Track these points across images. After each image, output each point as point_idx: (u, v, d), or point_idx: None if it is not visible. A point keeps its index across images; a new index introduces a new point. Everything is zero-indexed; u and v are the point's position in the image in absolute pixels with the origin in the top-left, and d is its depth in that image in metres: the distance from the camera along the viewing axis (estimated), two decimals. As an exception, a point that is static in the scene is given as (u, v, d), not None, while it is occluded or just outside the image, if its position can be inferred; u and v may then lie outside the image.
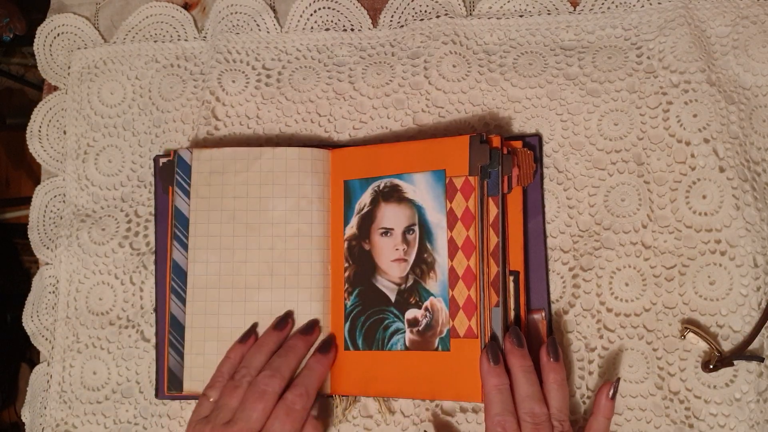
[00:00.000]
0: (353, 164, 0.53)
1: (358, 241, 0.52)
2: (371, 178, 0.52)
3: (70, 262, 0.58)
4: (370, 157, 0.53)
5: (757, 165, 0.53)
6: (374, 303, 0.51)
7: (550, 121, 0.55)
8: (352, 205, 0.52)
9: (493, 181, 0.49)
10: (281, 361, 0.48)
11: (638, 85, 0.54)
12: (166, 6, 0.62)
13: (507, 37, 0.57)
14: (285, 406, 0.46)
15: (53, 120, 0.61)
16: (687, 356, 0.50)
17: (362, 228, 0.52)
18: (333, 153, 0.54)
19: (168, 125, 0.58)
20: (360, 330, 0.51)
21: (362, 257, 0.51)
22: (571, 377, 0.51)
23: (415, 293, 0.50)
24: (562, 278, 0.52)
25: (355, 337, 0.51)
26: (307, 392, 0.47)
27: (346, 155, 0.53)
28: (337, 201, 0.53)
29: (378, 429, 0.52)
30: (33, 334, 0.58)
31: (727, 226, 0.51)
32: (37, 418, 0.56)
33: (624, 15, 0.56)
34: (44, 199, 0.60)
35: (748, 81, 0.54)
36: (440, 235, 0.49)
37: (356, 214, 0.52)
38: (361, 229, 0.52)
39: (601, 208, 0.53)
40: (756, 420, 0.49)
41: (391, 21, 0.59)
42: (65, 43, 0.62)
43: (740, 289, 0.50)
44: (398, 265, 0.50)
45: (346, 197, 0.53)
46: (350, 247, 0.52)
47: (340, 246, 0.52)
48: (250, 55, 0.59)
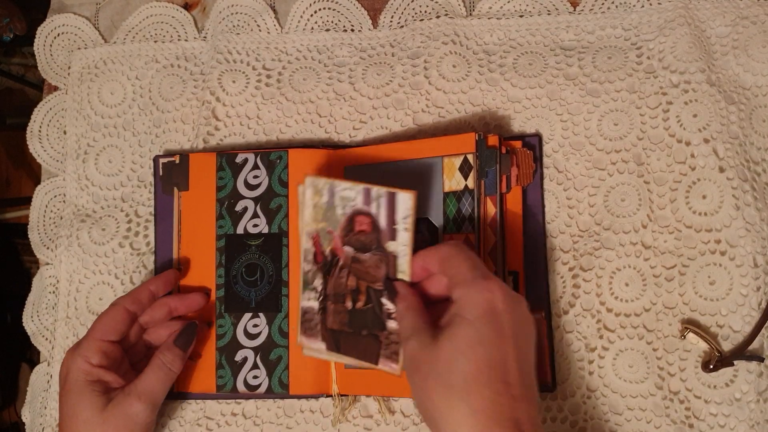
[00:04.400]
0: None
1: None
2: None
3: (70, 262, 0.58)
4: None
5: (757, 165, 0.53)
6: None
7: (550, 121, 0.55)
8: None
9: (491, 181, 0.49)
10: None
11: (638, 85, 0.54)
12: (166, 6, 0.62)
13: (507, 37, 0.57)
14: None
15: (53, 120, 0.61)
16: (687, 356, 0.50)
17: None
18: (333, 152, 0.54)
19: (168, 125, 0.58)
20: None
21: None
22: (571, 377, 0.51)
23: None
24: (562, 278, 0.52)
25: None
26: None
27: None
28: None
29: (378, 429, 0.52)
30: (33, 334, 0.58)
31: (727, 226, 0.51)
32: (37, 418, 0.57)
33: (624, 15, 0.56)
34: (44, 199, 0.60)
35: (748, 81, 0.54)
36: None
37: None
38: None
39: (601, 208, 0.53)
40: (756, 420, 0.49)
41: (391, 21, 0.59)
42: (65, 43, 0.62)
43: (740, 289, 0.50)
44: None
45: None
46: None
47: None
48: (250, 55, 0.59)
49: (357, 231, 0.46)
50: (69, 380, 0.47)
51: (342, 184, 0.46)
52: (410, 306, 0.43)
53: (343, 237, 0.46)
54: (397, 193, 0.44)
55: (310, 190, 0.46)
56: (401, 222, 0.44)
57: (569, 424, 0.51)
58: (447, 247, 0.43)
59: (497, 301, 0.40)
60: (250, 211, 0.53)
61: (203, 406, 0.54)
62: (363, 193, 0.45)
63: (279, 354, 0.52)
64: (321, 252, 0.47)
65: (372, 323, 0.46)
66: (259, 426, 0.53)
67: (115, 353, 0.48)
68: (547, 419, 0.51)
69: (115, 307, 0.49)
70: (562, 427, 0.51)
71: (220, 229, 0.53)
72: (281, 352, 0.52)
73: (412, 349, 0.41)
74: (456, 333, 0.39)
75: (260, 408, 0.53)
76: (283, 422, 0.53)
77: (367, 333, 0.46)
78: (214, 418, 0.53)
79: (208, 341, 0.53)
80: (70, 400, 0.47)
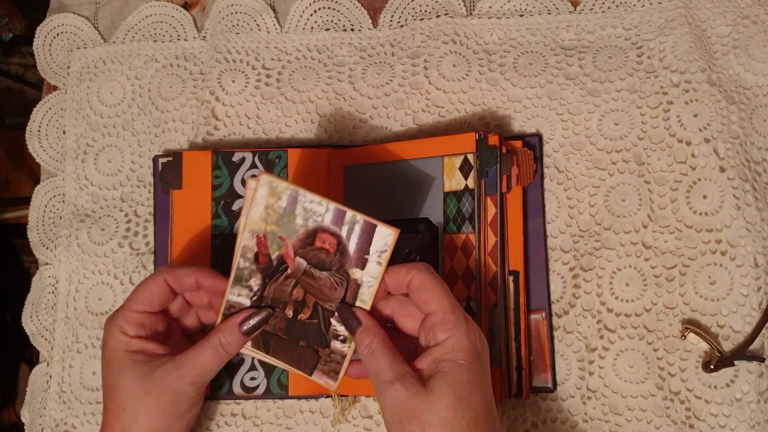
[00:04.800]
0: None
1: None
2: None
3: (69, 262, 0.57)
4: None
5: (757, 165, 0.53)
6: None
7: (551, 120, 0.54)
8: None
9: (491, 181, 0.49)
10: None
11: (639, 84, 0.54)
12: (165, 6, 0.61)
13: (507, 37, 0.57)
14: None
15: (53, 120, 0.61)
16: (687, 356, 0.50)
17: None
18: (332, 152, 0.54)
19: (167, 125, 0.58)
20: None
21: None
22: (571, 378, 0.51)
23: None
24: (562, 278, 0.52)
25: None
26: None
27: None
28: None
29: (378, 429, 0.52)
30: (32, 334, 0.58)
31: (728, 226, 0.51)
32: (36, 419, 0.56)
33: (624, 15, 0.56)
34: (44, 199, 0.60)
35: (748, 81, 0.54)
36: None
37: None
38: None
39: (602, 208, 0.53)
40: (756, 420, 0.49)
41: (391, 21, 0.59)
42: (65, 43, 0.62)
43: (741, 289, 0.50)
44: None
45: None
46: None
47: None
48: (250, 55, 0.59)
49: (317, 247, 0.44)
50: (108, 351, 0.45)
51: (309, 195, 0.43)
52: (381, 342, 0.43)
53: (298, 248, 0.44)
54: (378, 227, 0.43)
55: (265, 189, 0.43)
56: (375, 254, 0.43)
57: (569, 425, 0.51)
58: (421, 275, 0.42)
59: (478, 342, 0.42)
60: None
61: (203, 406, 0.54)
62: (334, 212, 0.43)
63: (279, 354, 0.52)
64: (265, 254, 0.45)
65: (314, 338, 0.45)
66: (258, 426, 0.53)
67: (155, 324, 0.46)
68: (547, 419, 0.51)
69: (154, 277, 0.46)
70: (563, 428, 0.51)
71: (216, 228, 0.53)
72: (281, 353, 0.52)
73: (400, 396, 0.40)
74: (455, 380, 0.40)
75: (260, 408, 0.53)
76: (282, 423, 0.53)
77: (305, 345, 0.46)
78: (213, 419, 0.53)
79: None
80: (112, 371, 0.45)
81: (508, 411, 0.51)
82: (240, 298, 0.46)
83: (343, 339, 0.45)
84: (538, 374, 0.51)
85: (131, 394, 0.44)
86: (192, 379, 0.44)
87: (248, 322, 0.45)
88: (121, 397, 0.44)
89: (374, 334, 0.43)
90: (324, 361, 0.46)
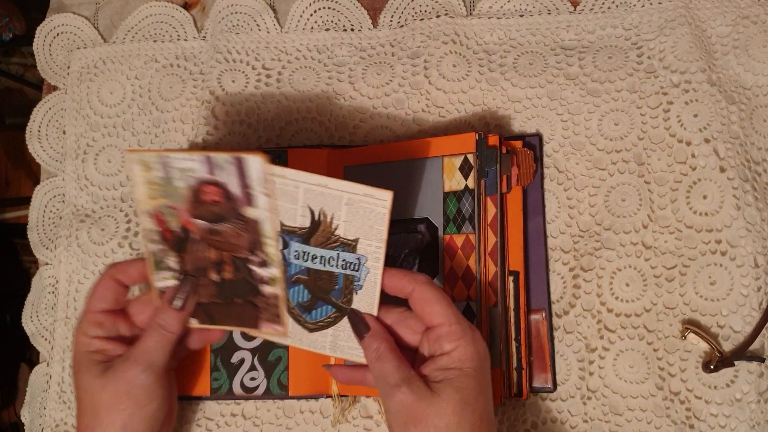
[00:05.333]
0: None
1: None
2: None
3: (69, 262, 0.57)
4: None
5: (757, 165, 0.53)
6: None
7: (551, 120, 0.54)
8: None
9: (491, 181, 0.49)
10: None
11: (639, 84, 0.54)
12: (165, 6, 0.61)
13: (507, 37, 0.57)
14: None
15: (53, 120, 0.61)
16: (688, 357, 0.50)
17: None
18: (332, 152, 0.54)
19: (167, 125, 0.58)
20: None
21: None
22: (571, 378, 0.51)
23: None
24: (562, 278, 0.52)
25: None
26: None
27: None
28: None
29: (378, 429, 0.52)
30: (32, 335, 0.58)
31: (728, 227, 0.51)
32: (36, 419, 0.56)
33: (624, 15, 0.56)
34: (44, 199, 0.60)
35: (748, 81, 0.54)
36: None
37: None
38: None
39: (602, 209, 0.53)
40: (757, 420, 0.49)
41: (391, 21, 0.59)
42: (65, 43, 0.62)
43: (741, 289, 0.50)
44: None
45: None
46: None
47: None
48: (250, 55, 0.59)
49: (207, 202, 0.43)
50: (73, 355, 0.46)
51: (176, 155, 0.41)
52: (389, 347, 0.43)
53: (192, 210, 0.43)
54: (244, 158, 0.41)
55: (138, 167, 0.42)
56: (255, 186, 0.41)
57: (569, 425, 0.51)
58: (423, 289, 0.43)
59: (482, 350, 0.43)
60: None
61: (202, 406, 0.54)
62: (204, 161, 0.41)
63: (278, 355, 0.52)
64: (168, 229, 0.44)
65: (245, 291, 0.45)
66: (258, 426, 0.53)
67: (112, 323, 0.47)
68: (547, 420, 0.51)
69: (102, 276, 0.47)
70: (563, 428, 0.51)
71: None
72: (281, 353, 0.52)
73: (407, 399, 0.41)
74: (461, 386, 0.41)
75: (260, 409, 0.53)
76: (282, 423, 0.53)
77: (241, 301, 0.46)
78: (213, 419, 0.53)
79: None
80: (75, 375, 0.46)
81: (508, 411, 0.51)
82: (167, 282, 0.46)
83: (270, 281, 0.45)
84: (538, 374, 0.51)
85: (89, 391, 0.45)
86: (142, 366, 0.44)
87: (176, 296, 0.46)
88: (83, 397, 0.45)
89: (382, 339, 0.44)
90: (263, 309, 0.46)
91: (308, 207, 0.42)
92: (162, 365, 0.46)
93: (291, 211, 0.42)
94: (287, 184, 0.42)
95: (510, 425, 0.51)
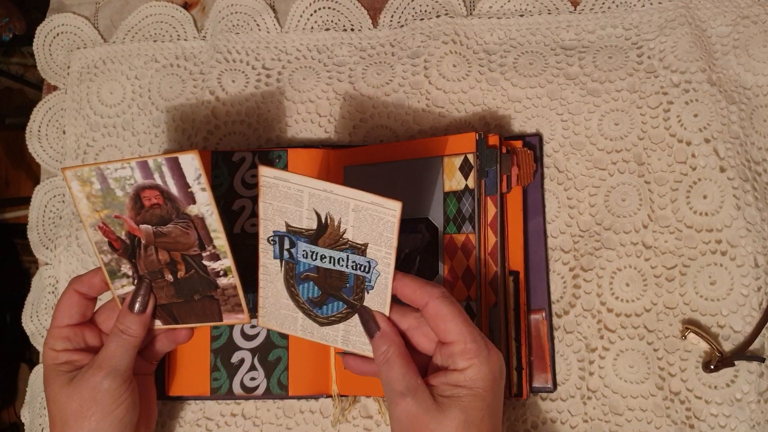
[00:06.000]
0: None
1: None
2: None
3: (69, 263, 0.57)
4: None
5: (757, 165, 0.53)
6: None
7: (551, 120, 0.54)
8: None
9: (491, 181, 0.49)
10: None
11: (639, 84, 0.54)
12: (165, 6, 0.61)
13: (507, 37, 0.57)
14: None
15: (53, 120, 0.61)
16: (688, 357, 0.50)
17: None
18: (332, 152, 0.54)
19: (167, 125, 0.58)
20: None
21: None
22: (571, 378, 0.51)
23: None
24: (562, 278, 0.52)
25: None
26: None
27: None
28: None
29: (378, 429, 0.52)
30: (32, 335, 0.58)
31: (728, 226, 0.51)
32: (36, 419, 0.56)
33: (624, 14, 0.56)
34: (44, 199, 0.60)
35: (748, 81, 0.54)
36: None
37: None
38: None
39: (602, 208, 0.53)
40: (757, 420, 0.49)
41: (391, 21, 0.59)
42: (65, 43, 0.62)
43: (741, 289, 0.50)
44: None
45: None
46: None
47: None
48: (250, 54, 0.59)
49: (149, 206, 0.44)
50: (44, 370, 0.47)
51: (110, 165, 0.42)
52: (398, 351, 0.43)
53: (135, 217, 0.44)
54: (179, 157, 0.42)
55: (75, 183, 0.43)
56: (194, 183, 0.42)
57: (569, 425, 0.51)
58: (437, 304, 0.42)
59: (497, 370, 0.42)
60: (248, 210, 0.53)
61: (203, 406, 0.54)
62: (139, 167, 0.42)
63: (278, 355, 0.52)
64: (116, 239, 0.45)
65: (202, 287, 0.46)
66: (258, 426, 0.53)
67: (79, 336, 0.47)
68: (547, 420, 0.51)
69: (65, 290, 0.48)
70: (563, 428, 0.51)
71: None
72: (281, 353, 0.52)
73: (411, 410, 0.41)
74: (468, 406, 0.40)
75: (260, 409, 0.53)
76: (282, 423, 0.53)
77: (200, 297, 0.46)
78: (213, 419, 0.53)
79: (203, 343, 0.52)
80: (45, 389, 0.46)
81: (508, 411, 0.51)
82: (124, 289, 0.46)
83: (224, 272, 0.46)
84: (539, 374, 0.51)
85: (57, 401, 0.45)
86: (105, 372, 0.45)
87: (134, 300, 0.46)
88: (52, 408, 0.46)
89: (391, 341, 0.43)
90: (223, 301, 0.47)
91: (314, 210, 0.42)
92: (126, 369, 0.46)
93: (296, 213, 0.43)
94: (290, 188, 0.42)
95: (510, 425, 0.51)
